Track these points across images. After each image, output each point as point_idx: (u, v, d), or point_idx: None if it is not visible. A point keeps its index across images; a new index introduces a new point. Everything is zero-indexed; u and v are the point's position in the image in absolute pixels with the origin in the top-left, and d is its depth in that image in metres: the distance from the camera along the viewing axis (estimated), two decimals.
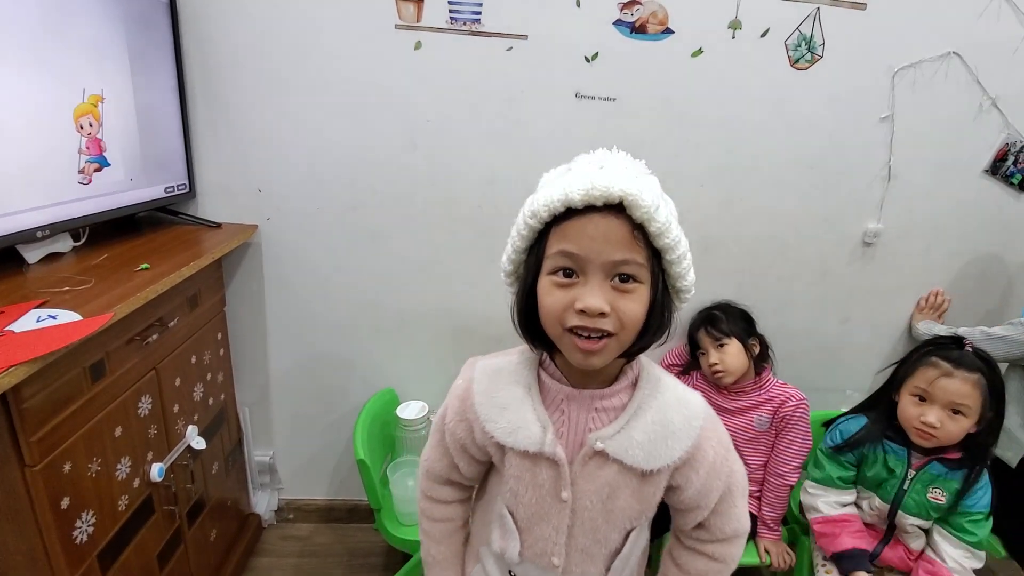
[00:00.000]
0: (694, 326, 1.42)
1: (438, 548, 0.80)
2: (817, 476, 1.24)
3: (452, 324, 1.50)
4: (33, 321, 0.78)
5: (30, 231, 0.94)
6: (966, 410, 1.09)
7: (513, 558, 0.69)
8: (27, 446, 0.77)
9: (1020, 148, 1.39)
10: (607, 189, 0.54)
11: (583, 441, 0.64)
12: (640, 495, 0.65)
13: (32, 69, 0.92)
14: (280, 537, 1.63)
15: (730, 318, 1.38)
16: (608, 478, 0.64)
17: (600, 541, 0.68)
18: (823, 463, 1.24)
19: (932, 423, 1.10)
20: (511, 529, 0.69)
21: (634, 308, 0.57)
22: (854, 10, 1.27)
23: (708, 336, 1.36)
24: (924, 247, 1.48)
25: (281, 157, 1.34)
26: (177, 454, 1.14)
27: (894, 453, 1.17)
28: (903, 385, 1.17)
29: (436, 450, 0.76)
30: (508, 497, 0.68)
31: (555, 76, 1.29)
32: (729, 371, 1.32)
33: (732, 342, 1.34)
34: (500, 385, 0.67)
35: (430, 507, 0.79)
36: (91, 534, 0.90)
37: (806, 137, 1.36)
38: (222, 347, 1.37)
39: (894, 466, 1.16)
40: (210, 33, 1.25)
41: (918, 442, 1.14)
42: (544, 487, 0.66)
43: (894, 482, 1.17)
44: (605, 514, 0.66)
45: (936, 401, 1.11)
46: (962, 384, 1.09)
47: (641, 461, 0.63)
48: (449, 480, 0.77)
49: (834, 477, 1.22)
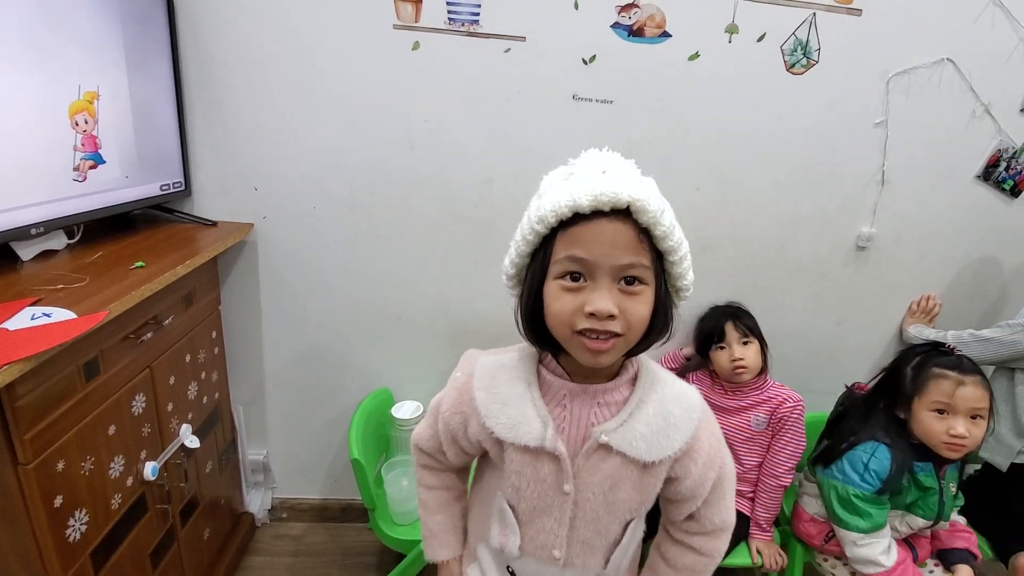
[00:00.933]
0: (715, 319, 1.40)
1: (434, 519, 0.80)
2: (866, 526, 1.14)
3: (448, 324, 1.50)
4: (27, 319, 0.78)
5: (24, 228, 0.94)
6: (983, 413, 1.12)
7: (513, 552, 0.70)
8: (20, 444, 0.76)
9: (1012, 154, 1.40)
10: (616, 195, 0.56)
11: (586, 435, 0.66)
12: (641, 486, 0.67)
13: (28, 65, 0.92)
14: (273, 536, 1.62)
15: (749, 318, 1.40)
16: (610, 470, 0.66)
17: (601, 532, 0.69)
18: (866, 510, 1.14)
19: (963, 434, 1.10)
20: (511, 523, 0.70)
21: (640, 310, 0.59)
22: (849, 16, 1.28)
23: (736, 330, 1.36)
24: (917, 251, 1.49)
25: (278, 156, 1.33)
26: (171, 453, 1.13)
27: (923, 471, 1.16)
28: (913, 402, 1.16)
29: (428, 430, 0.77)
30: (509, 492, 0.69)
31: (553, 78, 1.29)
32: (750, 368, 1.33)
33: (754, 341, 1.36)
34: (500, 381, 0.68)
35: (424, 475, 0.80)
36: (84, 533, 0.89)
37: (801, 141, 1.37)
38: (217, 346, 1.37)
39: (928, 483, 1.16)
40: (207, 31, 1.24)
41: (948, 455, 1.13)
42: (546, 481, 0.67)
43: (932, 498, 1.16)
44: (607, 506, 0.68)
45: (959, 411, 1.11)
46: (975, 389, 1.11)
47: (643, 453, 0.65)
48: (439, 459, 0.78)
49: (882, 522, 1.15)
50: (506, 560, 0.73)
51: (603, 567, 0.71)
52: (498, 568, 0.75)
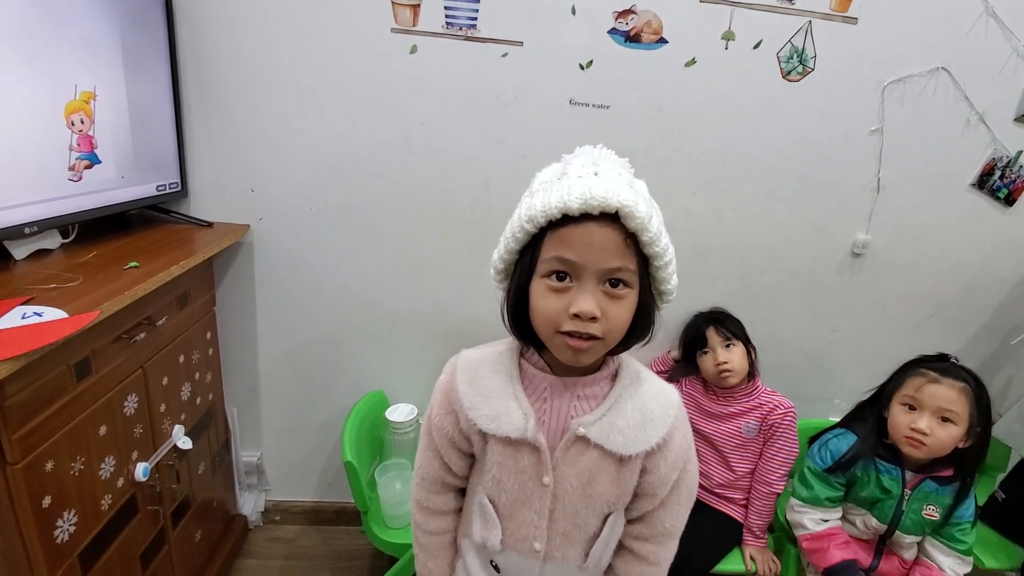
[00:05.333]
0: (696, 326, 1.42)
1: (436, 562, 0.80)
2: (804, 495, 1.23)
3: (443, 327, 1.50)
4: (18, 318, 0.78)
5: (18, 227, 0.94)
6: (955, 417, 1.10)
7: (495, 546, 0.71)
8: (9, 444, 0.76)
9: (1006, 163, 1.41)
10: (604, 200, 0.57)
11: (565, 427, 0.67)
12: (618, 480, 0.68)
13: (24, 65, 0.92)
14: (266, 539, 1.62)
15: (732, 322, 1.40)
16: (588, 463, 0.67)
17: (580, 525, 0.70)
18: (811, 482, 1.22)
19: (923, 428, 1.10)
20: (492, 518, 0.71)
21: (622, 314, 0.61)
22: (845, 24, 1.28)
23: (718, 334, 1.36)
24: (912, 258, 1.49)
25: (275, 157, 1.33)
26: (163, 454, 1.13)
27: (887, 472, 1.16)
28: (892, 399, 1.17)
29: (427, 453, 0.76)
30: (490, 485, 0.70)
31: (550, 83, 1.30)
32: (735, 371, 1.33)
33: (738, 344, 1.36)
34: (483, 374, 0.69)
35: (425, 519, 0.79)
36: (73, 533, 0.89)
37: (797, 148, 1.38)
38: (211, 347, 1.37)
39: (889, 486, 1.16)
40: (205, 32, 1.25)
41: (908, 451, 1.13)
42: (526, 473, 0.68)
43: (891, 502, 1.16)
44: (585, 499, 0.68)
45: (926, 408, 1.11)
46: (949, 390, 1.10)
47: (620, 446, 0.66)
48: (444, 484, 0.77)
49: (822, 498, 1.20)
50: (489, 554, 0.73)
51: (583, 561, 0.71)
52: (481, 563, 0.75)
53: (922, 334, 1.55)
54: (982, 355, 1.59)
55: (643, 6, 1.25)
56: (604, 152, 0.64)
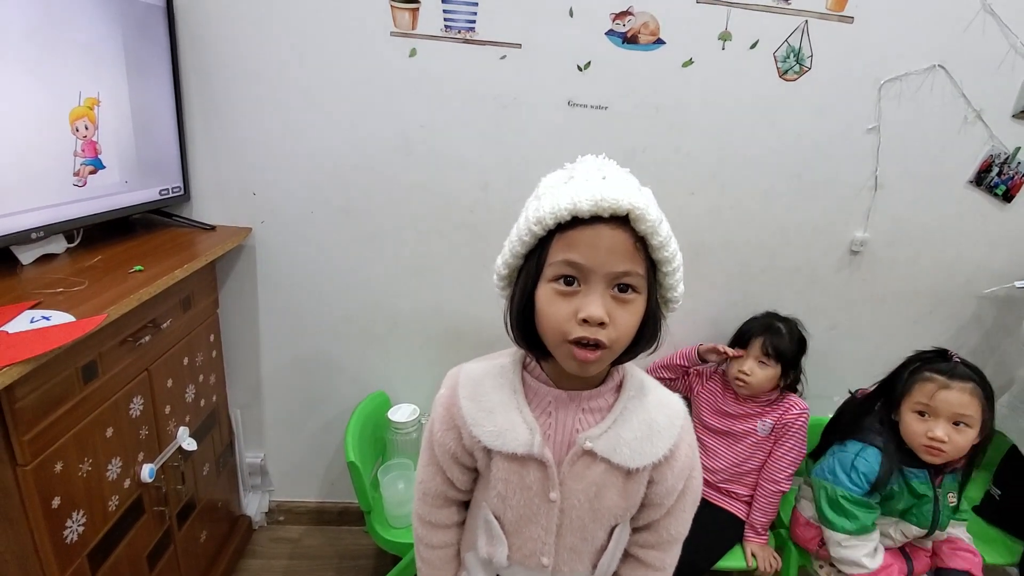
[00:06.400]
0: (752, 329, 1.37)
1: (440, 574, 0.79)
2: (851, 528, 1.15)
3: (444, 328, 1.51)
4: (27, 322, 0.79)
5: (24, 232, 0.95)
6: (969, 420, 1.09)
7: (501, 562, 0.70)
8: (19, 445, 0.77)
9: (1004, 160, 1.41)
10: (616, 202, 0.56)
11: (571, 441, 0.66)
12: (625, 492, 0.67)
13: (29, 72, 0.93)
14: (270, 539, 1.63)
15: (792, 341, 1.34)
16: (595, 477, 0.66)
17: (587, 539, 0.69)
18: (853, 512, 1.15)
19: (940, 437, 1.09)
20: (498, 534, 0.70)
21: (629, 320, 0.59)
22: (842, 23, 1.29)
23: (761, 348, 1.32)
24: (910, 256, 1.50)
25: (276, 161, 1.35)
26: (168, 455, 1.14)
27: (916, 477, 1.15)
28: (901, 403, 1.16)
29: (429, 468, 0.75)
30: (495, 502, 0.69)
31: (548, 84, 1.31)
32: (750, 386, 1.32)
33: (774, 366, 1.31)
34: (486, 389, 0.68)
35: (428, 534, 0.78)
36: (81, 534, 0.90)
37: (794, 146, 1.38)
38: (214, 349, 1.38)
39: (921, 490, 1.15)
40: (206, 37, 1.26)
41: (927, 459, 1.12)
42: (532, 489, 0.67)
43: (927, 506, 1.15)
44: (592, 512, 0.67)
45: (940, 415, 1.10)
46: (960, 395, 1.09)
47: (628, 459, 0.65)
48: (446, 499, 0.76)
49: (869, 524, 1.15)
50: (495, 569, 0.73)
51: (591, 572, 0.71)
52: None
53: (921, 331, 1.56)
54: (981, 350, 1.59)
55: (640, 7, 1.26)
56: (608, 162, 0.63)
